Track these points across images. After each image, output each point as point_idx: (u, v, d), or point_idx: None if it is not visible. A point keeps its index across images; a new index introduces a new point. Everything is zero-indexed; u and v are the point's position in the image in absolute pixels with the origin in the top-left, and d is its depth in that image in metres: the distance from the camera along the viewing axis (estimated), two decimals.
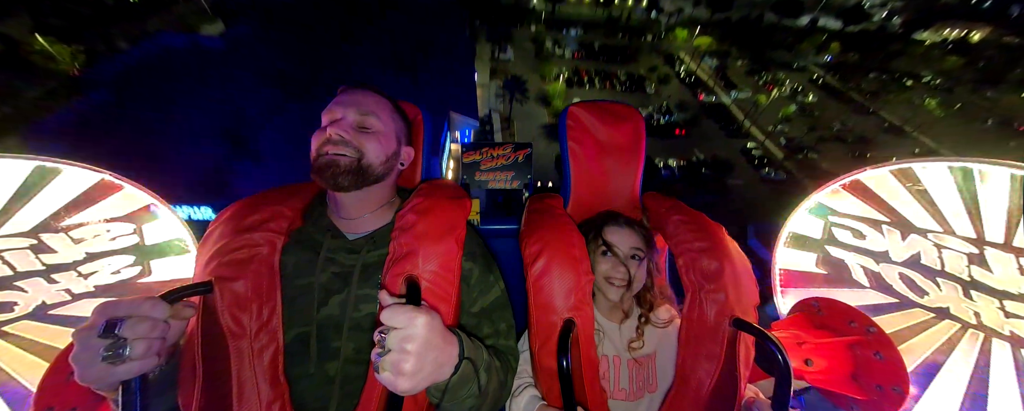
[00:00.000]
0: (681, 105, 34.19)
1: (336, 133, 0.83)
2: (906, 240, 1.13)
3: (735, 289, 0.90)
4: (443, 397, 0.66)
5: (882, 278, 1.19)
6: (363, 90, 0.92)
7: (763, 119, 33.19)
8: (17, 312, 1.02)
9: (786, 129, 32.56)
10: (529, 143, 1.54)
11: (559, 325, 0.83)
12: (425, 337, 0.56)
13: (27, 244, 1.01)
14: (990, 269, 1.01)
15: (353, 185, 0.85)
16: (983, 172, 1.01)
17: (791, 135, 31.99)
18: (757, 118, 32.99)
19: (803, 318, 1.20)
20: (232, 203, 0.89)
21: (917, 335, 1.14)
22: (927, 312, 1.13)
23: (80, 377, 0.57)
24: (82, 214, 1.06)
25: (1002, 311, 1.01)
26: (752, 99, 34.85)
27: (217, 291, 0.71)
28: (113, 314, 0.57)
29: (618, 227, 1.05)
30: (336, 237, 0.89)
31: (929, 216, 1.10)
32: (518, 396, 0.94)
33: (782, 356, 0.77)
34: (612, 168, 1.16)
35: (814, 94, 37.82)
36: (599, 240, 1.04)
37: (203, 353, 0.66)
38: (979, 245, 1.02)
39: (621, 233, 1.04)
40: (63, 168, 1.03)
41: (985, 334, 1.05)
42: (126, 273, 1.12)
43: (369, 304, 0.82)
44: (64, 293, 1.07)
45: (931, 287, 1.11)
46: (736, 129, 32.61)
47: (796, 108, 34.59)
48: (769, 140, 31.26)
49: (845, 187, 1.23)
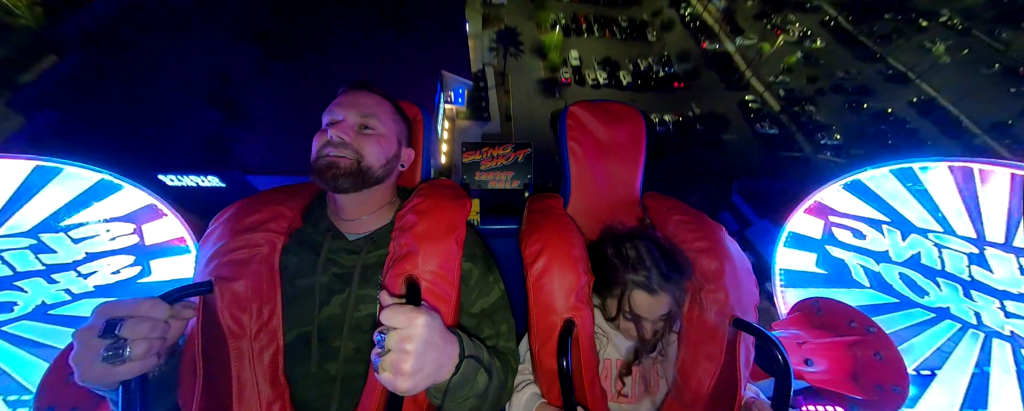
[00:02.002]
0: (683, 55, 32.01)
1: (337, 135, 0.83)
2: (906, 240, 1.13)
3: (735, 289, 0.90)
4: (444, 398, 0.66)
5: (882, 278, 1.19)
6: (364, 91, 0.92)
7: (765, 69, 31.81)
8: (17, 312, 1.02)
9: (787, 79, 31.17)
10: (529, 143, 1.54)
11: (559, 325, 0.83)
12: (425, 337, 0.56)
13: (27, 244, 1.01)
14: (990, 269, 1.01)
15: (353, 187, 0.85)
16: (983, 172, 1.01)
17: (791, 87, 30.71)
18: (759, 68, 31.57)
19: (803, 318, 1.20)
20: (232, 203, 0.89)
21: (917, 335, 1.14)
22: (927, 312, 1.13)
23: (80, 377, 0.57)
24: (82, 214, 1.06)
25: (1002, 311, 1.02)
26: (757, 47, 32.99)
27: (217, 291, 0.71)
28: (113, 314, 0.57)
29: (650, 295, 0.88)
30: (336, 238, 0.89)
31: (929, 216, 1.10)
32: (519, 392, 0.94)
33: (782, 356, 0.77)
34: (612, 168, 1.16)
35: (823, 39, 35.71)
36: (626, 303, 0.90)
37: (203, 353, 0.66)
38: (979, 245, 1.02)
39: (652, 303, 0.89)
40: (63, 168, 1.03)
41: (985, 334, 1.06)
42: (126, 273, 1.12)
43: (369, 304, 0.82)
44: (64, 293, 1.07)
45: (931, 287, 1.11)
46: (737, 81, 30.92)
47: (801, 56, 32.98)
48: (768, 92, 30.09)
49: (845, 187, 1.23)
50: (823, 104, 29.70)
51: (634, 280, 0.89)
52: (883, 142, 26.64)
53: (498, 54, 26.50)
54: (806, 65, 33.05)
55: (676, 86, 29.68)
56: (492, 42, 26.74)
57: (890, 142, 26.53)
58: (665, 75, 30.27)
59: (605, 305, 0.97)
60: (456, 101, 18.97)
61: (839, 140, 26.59)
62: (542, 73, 28.44)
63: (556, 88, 27.06)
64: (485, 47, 27.40)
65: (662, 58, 31.82)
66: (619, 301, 0.92)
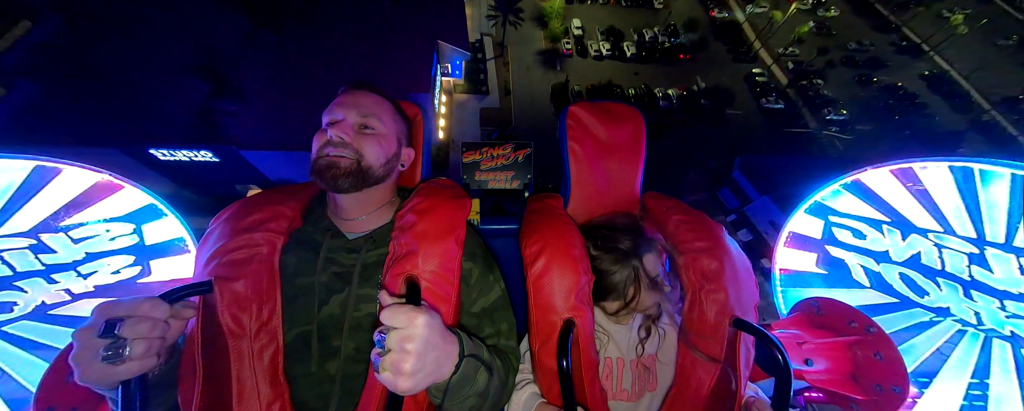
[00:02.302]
0: (690, 24, 30.28)
1: (336, 135, 0.83)
2: (906, 240, 1.13)
3: (735, 289, 0.90)
4: (444, 397, 0.66)
5: (882, 278, 1.19)
6: (364, 91, 0.92)
7: (775, 40, 30.07)
8: (17, 312, 1.02)
9: (797, 51, 29.32)
10: (529, 143, 1.54)
11: (559, 325, 0.83)
12: (425, 337, 0.56)
13: (27, 244, 1.01)
14: (990, 269, 1.01)
15: (353, 187, 0.85)
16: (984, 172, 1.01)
17: (800, 59, 28.91)
18: (769, 39, 30.08)
19: (803, 318, 1.20)
20: (232, 203, 0.89)
21: (917, 335, 1.14)
22: (927, 312, 1.13)
23: (80, 377, 0.57)
24: (82, 214, 1.06)
25: (1002, 311, 1.02)
26: (768, 14, 31.13)
27: (217, 291, 0.71)
28: (113, 314, 0.57)
29: (655, 254, 0.96)
30: (336, 237, 0.89)
31: (929, 216, 1.10)
32: (518, 391, 0.94)
33: (782, 356, 0.77)
34: (612, 168, 1.16)
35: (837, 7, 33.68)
36: (643, 276, 0.94)
37: (203, 353, 0.66)
38: (979, 245, 1.02)
39: (655, 259, 0.96)
40: (63, 168, 1.03)
41: (985, 334, 1.06)
42: (126, 273, 1.12)
43: (369, 304, 0.82)
44: (64, 293, 1.07)
45: (931, 287, 1.11)
46: (745, 52, 29.35)
47: (813, 25, 31.03)
48: (776, 65, 28.48)
49: (845, 187, 1.23)
50: (832, 77, 28.32)
51: (638, 244, 0.95)
52: (890, 118, 25.67)
53: (497, 23, 24.74)
54: (818, 35, 31.33)
55: (682, 58, 28.19)
56: (490, 9, 24.73)
57: (896, 118, 25.57)
58: (671, 46, 28.59)
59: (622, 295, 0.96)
60: (453, 73, 17.83)
61: (845, 115, 25.51)
62: (543, 44, 26.89)
63: (557, 60, 25.64)
64: (483, 15, 25.78)
65: (669, 27, 30.15)
66: (636, 279, 0.93)
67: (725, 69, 28.59)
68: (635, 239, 0.96)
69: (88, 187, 1.06)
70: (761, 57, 29.76)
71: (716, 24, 31.86)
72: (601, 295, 0.97)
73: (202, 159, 10.80)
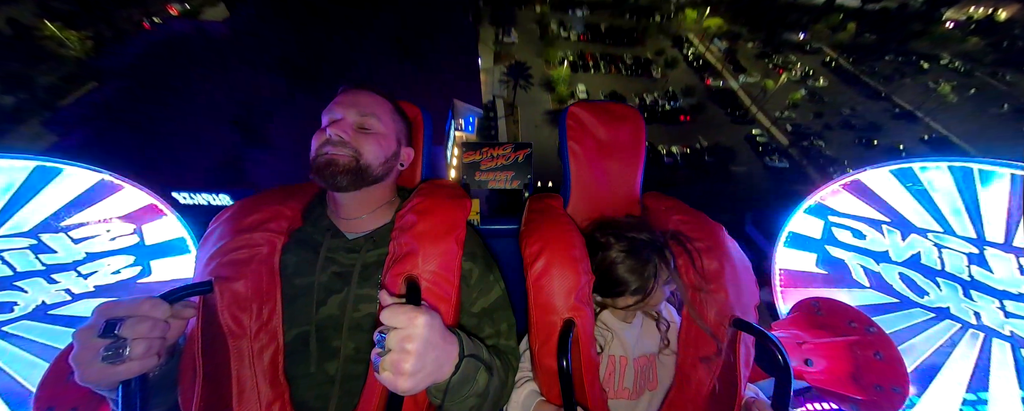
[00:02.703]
0: (687, 90, 33.05)
1: (335, 133, 0.83)
2: (906, 240, 1.13)
3: (735, 289, 0.90)
4: (444, 397, 0.66)
5: (882, 278, 1.19)
6: (363, 90, 0.92)
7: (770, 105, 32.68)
8: (17, 312, 1.02)
9: (793, 115, 31.89)
10: (529, 143, 1.54)
11: (559, 325, 0.83)
12: (425, 337, 0.56)
13: (27, 244, 1.01)
14: (990, 269, 1.01)
15: (352, 185, 0.85)
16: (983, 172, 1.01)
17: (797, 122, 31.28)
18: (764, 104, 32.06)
19: (803, 318, 1.20)
20: (234, 202, 0.90)
21: (917, 335, 1.14)
22: (927, 312, 1.13)
23: (80, 377, 0.57)
24: (82, 214, 1.06)
25: (1002, 311, 1.02)
26: (760, 84, 34.14)
27: (217, 291, 0.71)
28: (113, 314, 0.57)
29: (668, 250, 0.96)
30: (335, 236, 0.89)
31: (929, 216, 1.10)
32: (518, 389, 0.94)
33: (782, 356, 0.77)
34: (612, 168, 1.16)
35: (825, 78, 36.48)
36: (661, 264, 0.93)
37: (203, 353, 0.66)
38: (979, 245, 1.02)
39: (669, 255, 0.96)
40: (63, 168, 1.03)
41: (985, 334, 1.06)
42: (126, 273, 1.12)
43: (369, 304, 0.82)
44: (64, 293, 1.07)
45: (931, 287, 1.11)
46: (742, 115, 31.84)
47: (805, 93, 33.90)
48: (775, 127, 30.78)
49: (845, 187, 1.23)
50: (832, 139, 30.24)
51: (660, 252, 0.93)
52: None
53: (508, 86, 27.81)
54: (811, 101, 33.66)
55: (682, 119, 30.78)
56: (503, 75, 28.27)
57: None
58: (671, 109, 31.18)
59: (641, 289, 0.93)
60: (466, 128, 19.67)
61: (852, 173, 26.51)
62: (550, 105, 29.71)
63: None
64: (496, 81, 29.09)
65: (667, 93, 32.66)
66: (656, 273, 0.92)
67: (724, 129, 30.58)
68: (652, 234, 0.96)
69: (88, 187, 1.06)
70: (759, 119, 31.72)
71: (712, 91, 34.41)
72: (614, 291, 0.95)
73: (219, 203, 11.51)
